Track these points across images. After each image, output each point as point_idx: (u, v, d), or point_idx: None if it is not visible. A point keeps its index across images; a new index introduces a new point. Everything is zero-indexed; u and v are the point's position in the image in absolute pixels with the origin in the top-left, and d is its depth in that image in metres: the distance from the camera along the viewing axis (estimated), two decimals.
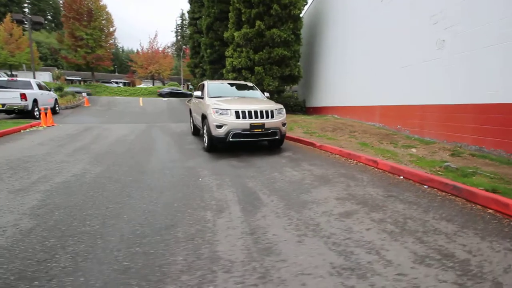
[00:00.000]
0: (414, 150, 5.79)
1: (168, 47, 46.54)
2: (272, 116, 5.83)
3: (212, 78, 16.52)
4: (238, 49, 13.28)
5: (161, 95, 28.01)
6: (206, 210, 2.93)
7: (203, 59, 17.63)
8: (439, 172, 4.21)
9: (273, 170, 4.58)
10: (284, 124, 6.09)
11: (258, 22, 12.38)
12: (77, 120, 11.45)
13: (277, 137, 5.94)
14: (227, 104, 5.79)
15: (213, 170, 4.53)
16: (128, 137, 7.75)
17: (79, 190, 3.44)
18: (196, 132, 8.53)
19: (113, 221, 2.62)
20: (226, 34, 14.02)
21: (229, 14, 13.88)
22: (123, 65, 51.68)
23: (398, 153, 5.58)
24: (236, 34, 12.97)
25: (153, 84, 41.11)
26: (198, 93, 6.90)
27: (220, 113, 5.63)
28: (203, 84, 7.32)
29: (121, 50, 53.94)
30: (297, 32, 13.04)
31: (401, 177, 4.15)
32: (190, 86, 46.36)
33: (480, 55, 5.13)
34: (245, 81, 12.06)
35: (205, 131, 6.18)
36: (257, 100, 6.68)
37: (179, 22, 66.71)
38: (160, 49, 40.44)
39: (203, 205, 3.07)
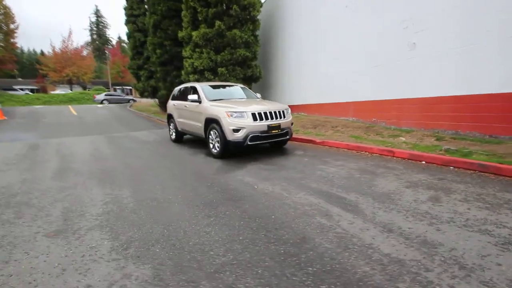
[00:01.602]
0: (403, 138, 6.63)
1: (82, 46, 40.71)
2: (284, 116, 5.84)
3: (164, 81, 15.28)
4: (197, 49, 12.67)
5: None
6: (312, 216, 2.79)
7: (150, 60, 16.13)
8: (446, 154, 4.97)
9: (311, 169, 4.60)
10: (292, 124, 6.17)
11: (218, 23, 12.05)
12: (5, 137, 9.04)
13: (288, 137, 5.98)
14: (240, 107, 5.53)
15: (255, 176, 4.28)
16: (102, 152, 6.58)
17: (141, 219, 2.81)
18: (179, 139, 7.84)
19: (237, 246, 2.27)
20: (181, 34, 13.20)
21: (183, 12, 13.11)
22: (26, 69, 42.57)
23: (393, 142, 6.30)
24: (194, 34, 12.35)
25: (71, 90, 35.29)
26: (193, 96, 6.34)
27: (235, 116, 5.34)
28: (195, 87, 6.78)
29: (20, 51, 44.47)
30: (255, 34, 13.21)
31: (423, 162, 4.74)
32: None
33: (449, 55, 6.23)
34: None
35: (213, 136, 5.76)
36: (260, 101, 6.57)
37: (93, 19, 59.30)
38: (78, 49, 35.02)
39: (299, 212, 2.91)
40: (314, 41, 11.06)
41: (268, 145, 6.69)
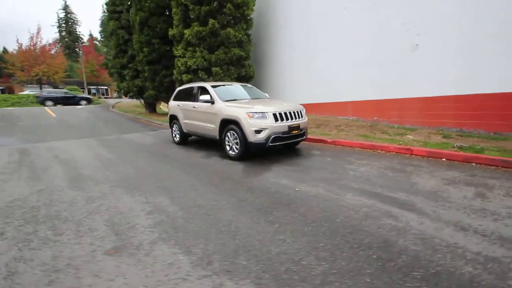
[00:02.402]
0: (410, 136, 6.85)
1: (51, 44, 38.01)
2: (302, 116, 5.80)
3: (152, 80, 14.65)
4: (190, 48, 12.31)
5: None
6: (378, 218, 2.76)
7: (135, 58, 15.40)
8: (460, 151, 5.19)
9: (341, 169, 4.60)
10: (307, 124, 6.14)
11: (211, 21, 11.79)
12: None
13: (304, 137, 5.96)
14: (260, 107, 5.40)
15: (288, 178, 4.19)
16: (105, 157, 6.12)
17: (202, 229, 2.62)
18: (183, 140, 7.52)
19: (324, 253, 2.17)
20: (172, 32, 12.74)
21: (173, 10, 12.67)
22: None
23: (402, 140, 6.49)
24: (187, 32, 11.97)
25: (40, 89, 32.78)
26: (205, 97, 6.10)
27: (256, 117, 5.21)
28: (204, 87, 6.53)
29: None
30: (248, 33, 13.09)
31: (444, 159, 4.91)
32: (94, 91, 39.53)
33: (450, 56, 6.54)
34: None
35: (230, 138, 5.58)
36: (272, 101, 6.49)
37: (62, 15, 55.64)
38: (47, 46, 32.59)
39: (362, 214, 2.87)
40: (308, 40, 11.13)
41: (282, 146, 6.62)
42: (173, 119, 7.74)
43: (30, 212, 3.10)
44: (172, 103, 7.87)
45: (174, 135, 7.85)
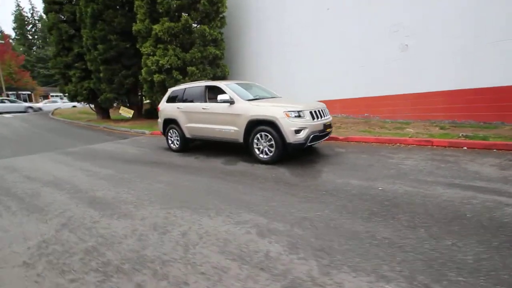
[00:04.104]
0: (410, 129, 7.32)
1: None
2: (328, 114, 5.67)
3: (110, 82, 12.79)
4: (160, 45, 11.12)
5: None
6: (498, 208, 2.74)
7: (85, 57, 13.27)
8: (467, 139, 5.71)
9: (390, 165, 4.57)
10: None
11: (184, 16, 10.92)
12: None
13: (330, 134, 5.84)
14: (293, 105, 5.04)
15: (354, 178, 3.96)
16: (99, 173, 4.98)
17: (353, 248, 2.19)
18: (185, 147, 6.66)
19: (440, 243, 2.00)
20: (136, 27, 11.34)
21: (136, 2, 11.29)
22: None
23: (405, 133, 6.89)
24: (156, 27, 10.80)
25: None
26: (223, 96, 5.44)
27: (294, 116, 4.84)
28: (217, 86, 5.88)
29: None
30: (221, 31, 12.48)
31: (465, 148, 5.32)
32: (13, 97, 32.85)
33: (440, 56, 7.23)
34: (175, 83, 10.38)
35: (261, 140, 5.09)
36: (294, 99, 6.17)
37: None
38: None
39: (479, 206, 2.81)
40: (285, 39, 11.06)
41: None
42: (170, 123, 6.77)
43: (92, 258, 2.18)
44: (167, 105, 6.89)
45: (171, 142, 6.88)
